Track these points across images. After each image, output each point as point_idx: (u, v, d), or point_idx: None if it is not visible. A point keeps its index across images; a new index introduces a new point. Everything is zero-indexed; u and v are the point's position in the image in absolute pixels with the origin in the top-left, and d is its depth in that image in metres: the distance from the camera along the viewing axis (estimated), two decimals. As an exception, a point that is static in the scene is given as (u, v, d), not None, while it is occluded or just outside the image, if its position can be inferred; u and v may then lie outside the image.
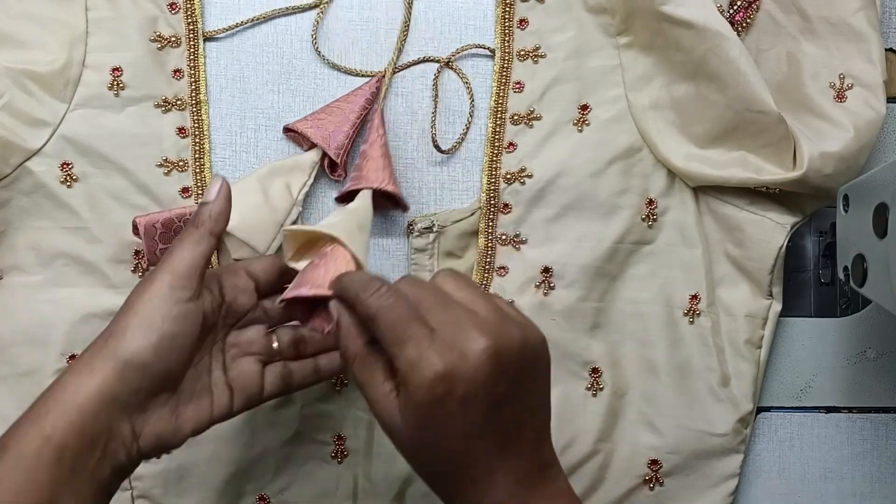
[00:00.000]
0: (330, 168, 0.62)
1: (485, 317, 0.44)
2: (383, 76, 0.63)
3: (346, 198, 0.59)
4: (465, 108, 0.63)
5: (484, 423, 0.43)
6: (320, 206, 0.63)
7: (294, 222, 0.60)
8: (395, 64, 0.63)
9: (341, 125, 0.60)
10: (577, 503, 0.47)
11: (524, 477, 0.45)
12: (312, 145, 0.61)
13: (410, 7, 0.63)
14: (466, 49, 0.63)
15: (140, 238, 0.57)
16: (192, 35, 0.61)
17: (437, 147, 0.62)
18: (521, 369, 0.44)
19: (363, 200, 0.57)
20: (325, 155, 0.61)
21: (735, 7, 0.62)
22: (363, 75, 0.63)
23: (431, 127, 0.62)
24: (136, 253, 0.60)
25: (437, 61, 0.63)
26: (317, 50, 0.63)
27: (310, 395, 0.61)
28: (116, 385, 0.45)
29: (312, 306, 0.52)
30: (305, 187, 0.61)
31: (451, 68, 0.63)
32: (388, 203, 0.61)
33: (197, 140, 0.61)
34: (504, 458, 0.44)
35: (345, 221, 0.54)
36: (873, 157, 0.64)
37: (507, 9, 0.63)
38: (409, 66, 0.63)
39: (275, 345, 0.52)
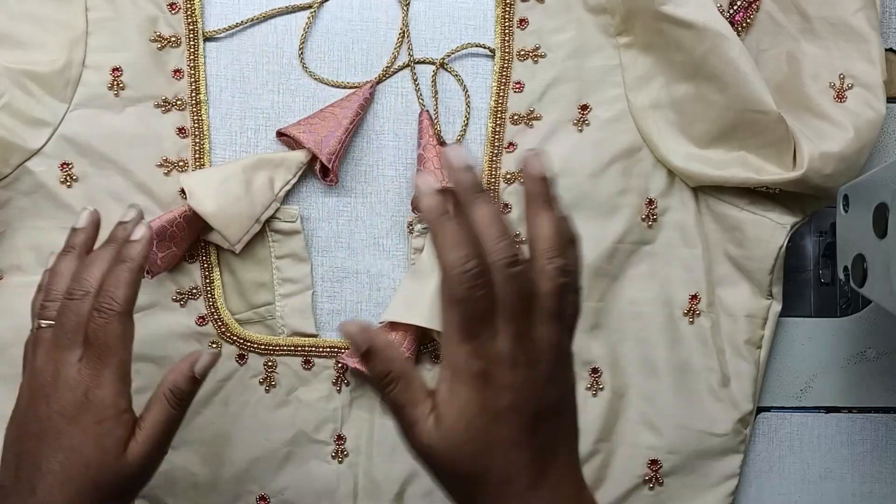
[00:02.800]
0: (322, 173, 0.62)
1: (535, 339, 0.44)
2: (378, 82, 0.63)
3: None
4: (464, 107, 0.63)
5: (527, 435, 0.43)
6: (317, 208, 0.63)
7: (272, 217, 0.60)
8: (392, 65, 0.63)
9: (334, 130, 0.60)
10: None
11: (561, 499, 0.44)
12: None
13: (407, 11, 0.63)
14: (462, 49, 0.63)
15: None
16: (192, 35, 0.61)
17: (442, 143, 0.62)
18: (561, 388, 0.45)
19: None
20: (317, 159, 0.61)
21: (735, 7, 0.62)
22: (348, 87, 0.63)
23: (435, 123, 0.62)
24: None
25: (432, 62, 0.63)
26: (303, 64, 0.63)
27: (310, 396, 0.61)
28: None
29: None
30: (288, 185, 0.61)
31: (446, 69, 0.63)
32: None
33: (197, 140, 0.61)
34: (544, 475, 0.44)
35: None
36: (873, 157, 0.64)
37: (507, 9, 0.63)
38: (404, 68, 0.63)
39: None
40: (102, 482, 0.47)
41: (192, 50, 0.61)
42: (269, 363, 0.61)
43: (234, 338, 0.61)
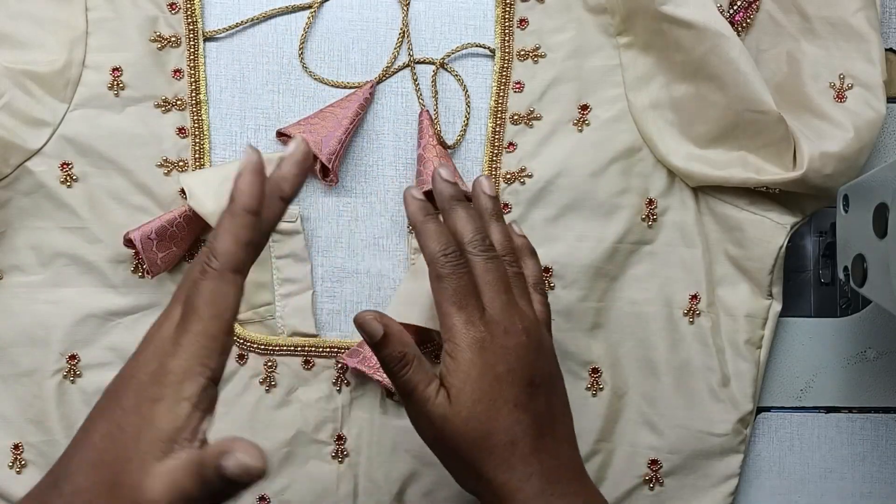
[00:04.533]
0: (322, 173, 0.62)
1: (524, 310, 0.51)
2: (378, 82, 0.63)
3: None
4: (464, 108, 0.63)
5: (527, 398, 0.48)
6: (317, 208, 0.63)
7: None
8: (392, 65, 0.63)
9: (334, 130, 0.60)
10: None
11: (561, 472, 0.49)
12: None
13: (407, 11, 0.63)
14: (462, 49, 0.63)
15: (134, 251, 0.58)
16: (192, 35, 0.61)
17: (442, 143, 0.62)
18: (549, 365, 0.51)
19: None
20: (317, 159, 0.61)
21: (735, 7, 0.62)
22: (348, 87, 0.63)
23: (435, 123, 0.62)
24: (136, 253, 0.60)
25: (432, 62, 0.63)
26: (303, 64, 0.63)
27: (310, 396, 0.61)
28: None
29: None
30: None
31: (446, 69, 0.63)
32: None
33: (197, 140, 0.61)
34: (544, 441, 0.48)
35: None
36: (873, 157, 0.64)
37: (507, 9, 0.63)
38: (404, 68, 0.63)
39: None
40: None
41: (192, 50, 0.61)
42: (269, 363, 0.61)
43: (234, 338, 0.61)
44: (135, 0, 0.61)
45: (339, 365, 0.61)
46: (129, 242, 0.58)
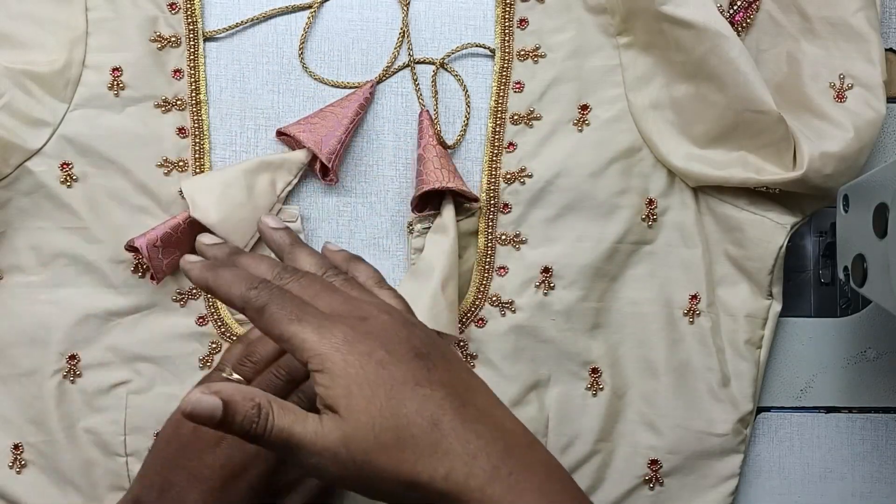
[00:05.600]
0: (322, 173, 0.62)
1: (369, 301, 0.46)
2: (378, 82, 0.63)
3: (418, 205, 0.61)
4: (463, 108, 0.63)
5: (424, 371, 0.42)
6: (317, 208, 0.63)
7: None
8: (392, 65, 0.63)
9: (334, 130, 0.60)
10: (568, 476, 0.45)
11: (509, 443, 0.42)
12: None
13: (407, 11, 0.63)
14: (462, 49, 0.63)
15: (139, 256, 0.59)
16: (192, 35, 0.61)
17: (442, 143, 0.62)
18: (429, 336, 0.45)
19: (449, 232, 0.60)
20: (317, 159, 0.61)
21: (735, 7, 0.62)
22: (348, 87, 0.63)
23: (435, 123, 0.62)
24: (137, 254, 0.60)
25: (432, 62, 0.63)
26: (303, 64, 0.63)
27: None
28: None
29: None
30: (290, 186, 0.61)
31: (446, 69, 0.63)
32: (459, 197, 0.61)
33: (197, 140, 0.61)
34: (470, 413, 0.42)
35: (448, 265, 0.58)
36: (873, 157, 0.64)
37: (507, 9, 0.63)
38: (404, 68, 0.63)
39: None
40: None
41: (192, 50, 0.61)
42: (269, 363, 0.61)
43: (234, 337, 0.61)
44: (135, 0, 0.61)
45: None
46: (130, 248, 0.58)
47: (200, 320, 0.61)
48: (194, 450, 0.52)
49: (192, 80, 0.61)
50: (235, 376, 0.54)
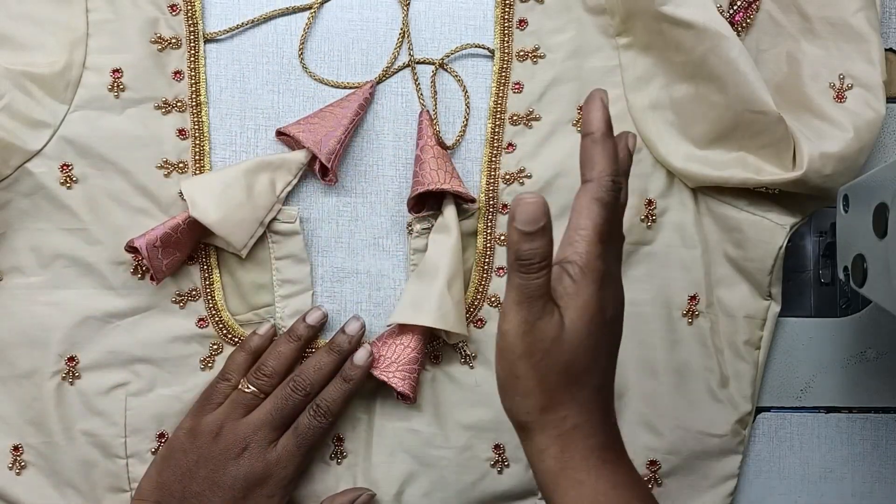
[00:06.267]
0: (321, 173, 0.62)
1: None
2: (378, 82, 0.63)
3: (416, 205, 0.61)
4: (463, 108, 0.63)
5: (615, 352, 0.48)
6: (317, 208, 0.63)
7: (274, 218, 0.60)
8: (392, 65, 0.63)
9: (333, 130, 0.60)
10: (642, 486, 0.48)
11: (616, 438, 0.47)
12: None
13: (407, 11, 0.63)
14: (461, 49, 0.63)
15: (138, 257, 0.59)
16: (192, 37, 0.61)
17: (441, 144, 0.62)
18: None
19: (452, 229, 0.60)
20: (316, 159, 0.61)
21: (735, 7, 0.61)
22: (348, 87, 0.63)
23: (434, 124, 0.62)
24: (136, 255, 0.60)
25: (432, 63, 0.63)
26: (303, 64, 0.63)
27: (310, 396, 0.61)
28: None
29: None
30: (290, 186, 0.61)
31: (445, 69, 0.63)
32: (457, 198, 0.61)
33: (197, 141, 0.61)
34: (612, 404, 0.48)
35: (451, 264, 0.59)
36: (873, 157, 0.64)
37: (507, 9, 0.62)
38: (404, 68, 0.63)
39: None
40: None
41: (192, 51, 0.61)
42: (270, 364, 0.61)
43: (235, 339, 0.61)
44: (135, 1, 0.61)
45: (339, 365, 0.61)
46: (130, 248, 0.58)
47: (201, 322, 0.61)
48: (217, 460, 0.57)
49: (193, 81, 0.61)
50: (252, 388, 0.58)
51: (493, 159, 0.62)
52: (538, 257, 0.43)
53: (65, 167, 0.60)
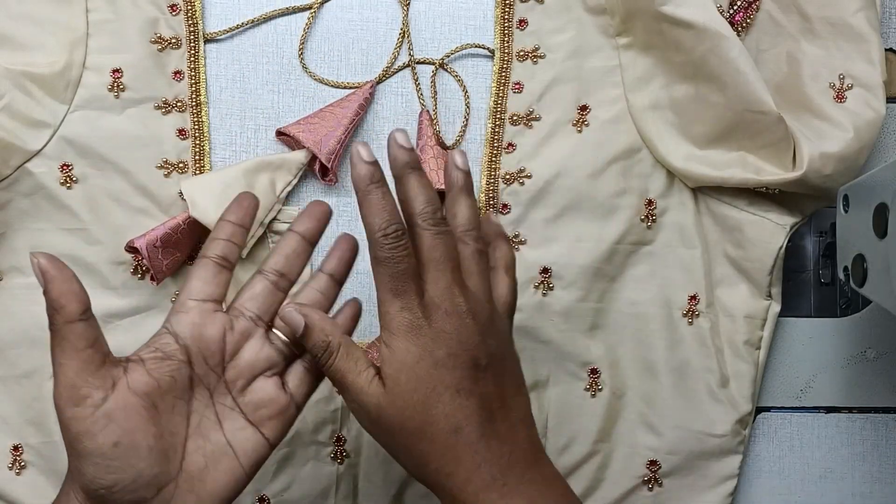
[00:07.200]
0: (321, 173, 0.62)
1: (474, 290, 0.47)
2: (378, 82, 0.63)
3: None
4: (463, 108, 0.63)
5: (470, 383, 0.46)
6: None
7: (274, 218, 0.60)
8: (392, 65, 0.63)
9: (334, 130, 0.60)
10: (567, 491, 0.47)
11: (516, 458, 0.46)
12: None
13: (407, 11, 0.63)
14: (461, 49, 0.63)
15: (138, 257, 0.59)
16: (192, 37, 0.62)
17: (441, 144, 0.62)
18: (500, 346, 0.48)
19: None
20: (316, 159, 0.61)
21: (735, 7, 0.61)
22: (348, 87, 0.63)
23: (434, 123, 0.62)
24: (136, 255, 0.60)
25: (432, 63, 0.63)
26: (303, 64, 0.63)
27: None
28: None
29: None
30: (290, 186, 0.61)
31: (446, 69, 0.63)
32: None
33: (197, 141, 0.61)
34: (494, 425, 0.46)
35: None
36: (873, 157, 0.64)
37: (507, 9, 0.63)
38: (404, 68, 0.63)
39: (279, 340, 0.50)
40: None
41: (192, 51, 0.62)
42: (270, 364, 0.61)
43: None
44: (135, 2, 0.61)
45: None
46: (130, 248, 0.58)
47: (200, 321, 0.61)
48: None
49: (193, 81, 0.61)
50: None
51: (493, 159, 0.62)
52: (316, 351, 0.47)
53: (65, 167, 0.60)
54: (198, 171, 0.61)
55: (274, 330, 0.50)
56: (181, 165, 0.61)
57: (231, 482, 0.47)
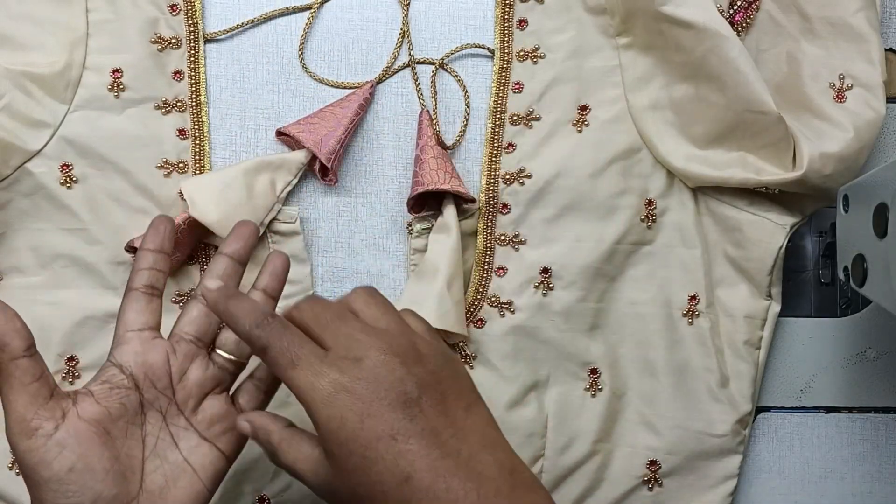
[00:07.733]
0: (321, 173, 0.62)
1: (385, 328, 0.46)
2: (378, 82, 0.63)
3: (415, 206, 0.61)
4: (463, 108, 0.63)
5: (406, 423, 0.43)
6: (316, 208, 0.63)
7: (274, 218, 0.60)
8: (392, 65, 0.63)
9: (334, 130, 0.60)
10: None
11: (485, 491, 0.43)
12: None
13: (407, 11, 0.63)
14: (461, 49, 0.63)
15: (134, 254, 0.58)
16: (192, 37, 0.62)
17: (441, 144, 0.62)
18: (428, 365, 0.45)
19: (451, 230, 0.60)
20: (316, 159, 0.61)
21: (735, 7, 0.62)
22: (348, 87, 0.63)
23: (434, 124, 0.62)
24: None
25: (432, 63, 0.63)
26: (303, 64, 0.63)
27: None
28: None
29: None
30: (290, 186, 0.61)
31: (446, 69, 0.63)
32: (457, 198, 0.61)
33: (197, 141, 0.61)
34: (448, 463, 0.43)
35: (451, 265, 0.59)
36: (873, 157, 0.64)
37: (507, 9, 0.63)
38: (404, 68, 0.63)
39: (221, 359, 0.51)
40: None
41: (192, 51, 0.62)
42: (269, 364, 0.61)
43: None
44: (135, 1, 0.61)
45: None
46: (130, 248, 0.58)
47: (200, 321, 0.61)
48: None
49: (193, 81, 0.61)
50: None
51: (493, 159, 0.62)
52: (266, 450, 0.47)
53: (65, 167, 0.60)
54: (198, 171, 0.61)
55: (217, 350, 0.51)
56: (181, 165, 0.61)
57: (192, 497, 0.48)
